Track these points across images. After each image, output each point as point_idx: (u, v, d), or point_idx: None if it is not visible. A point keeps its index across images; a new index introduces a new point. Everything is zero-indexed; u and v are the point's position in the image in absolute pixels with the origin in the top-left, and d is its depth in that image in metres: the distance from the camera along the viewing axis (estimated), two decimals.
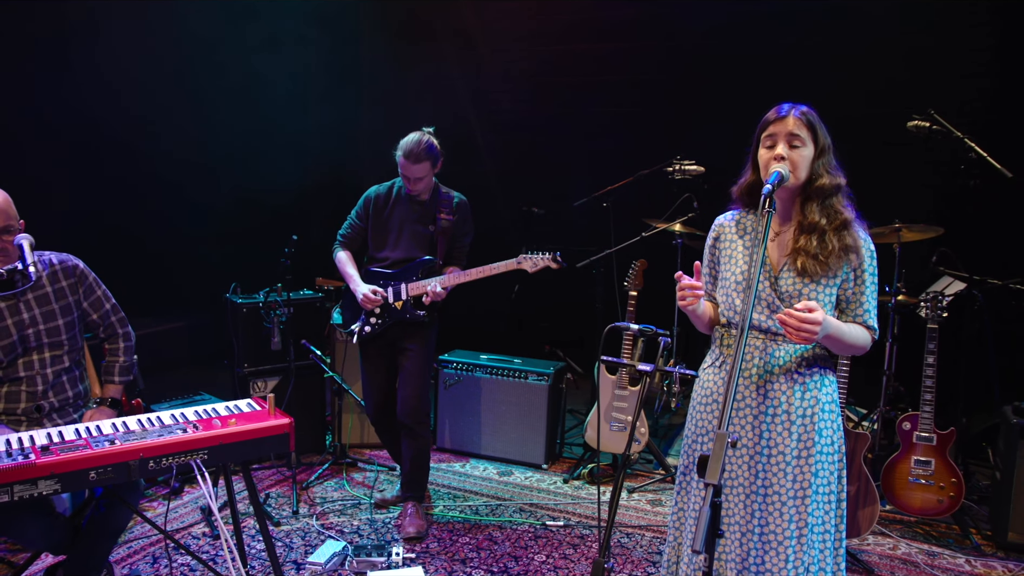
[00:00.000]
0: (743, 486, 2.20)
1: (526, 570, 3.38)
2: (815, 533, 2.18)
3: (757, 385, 2.19)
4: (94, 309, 2.96)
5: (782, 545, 2.16)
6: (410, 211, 3.78)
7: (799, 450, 2.16)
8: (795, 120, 2.15)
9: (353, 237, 3.89)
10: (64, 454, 2.32)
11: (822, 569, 2.21)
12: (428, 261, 3.74)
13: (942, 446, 3.70)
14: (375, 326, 3.76)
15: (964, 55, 4.94)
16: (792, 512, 2.16)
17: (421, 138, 3.65)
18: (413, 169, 3.63)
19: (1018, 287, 4.13)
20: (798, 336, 2.02)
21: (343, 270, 3.87)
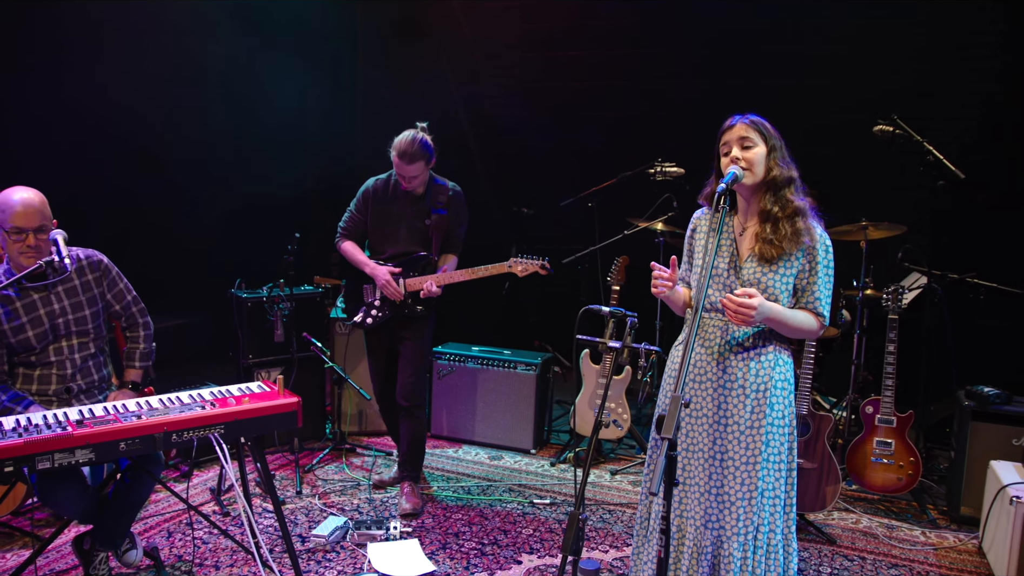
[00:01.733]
0: (703, 452, 2.47)
1: (514, 542, 3.65)
2: (765, 497, 2.45)
3: (718, 361, 2.46)
4: (117, 300, 3.22)
5: (734, 505, 2.43)
6: (407, 206, 3.91)
7: (751, 421, 2.43)
8: (743, 126, 2.44)
9: (352, 229, 4.02)
10: (97, 427, 2.58)
11: (772, 530, 2.48)
12: (424, 257, 3.90)
13: (902, 428, 3.98)
14: (376, 318, 3.95)
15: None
16: (743, 476, 2.43)
17: (415, 136, 3.75)
18: (408, 168, 3.76)
19: (974, 280, 4.42)
20: (736, 318, 2.30)
21: (354, 259, 3.99)
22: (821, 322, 2.44)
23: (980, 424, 3.88)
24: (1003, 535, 3.36)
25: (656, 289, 2.42)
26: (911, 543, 3.74)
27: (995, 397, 3.86)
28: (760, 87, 5.40)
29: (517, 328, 6.45)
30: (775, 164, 2.44)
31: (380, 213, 3.96)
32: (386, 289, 3.87)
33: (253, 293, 4.66)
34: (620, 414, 4.61)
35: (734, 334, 2.46)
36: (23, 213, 2.88)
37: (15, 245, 2.90)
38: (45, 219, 2.93)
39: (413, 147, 3.72)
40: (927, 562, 3.56)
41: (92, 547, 3.11)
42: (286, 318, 4.52)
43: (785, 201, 2.43)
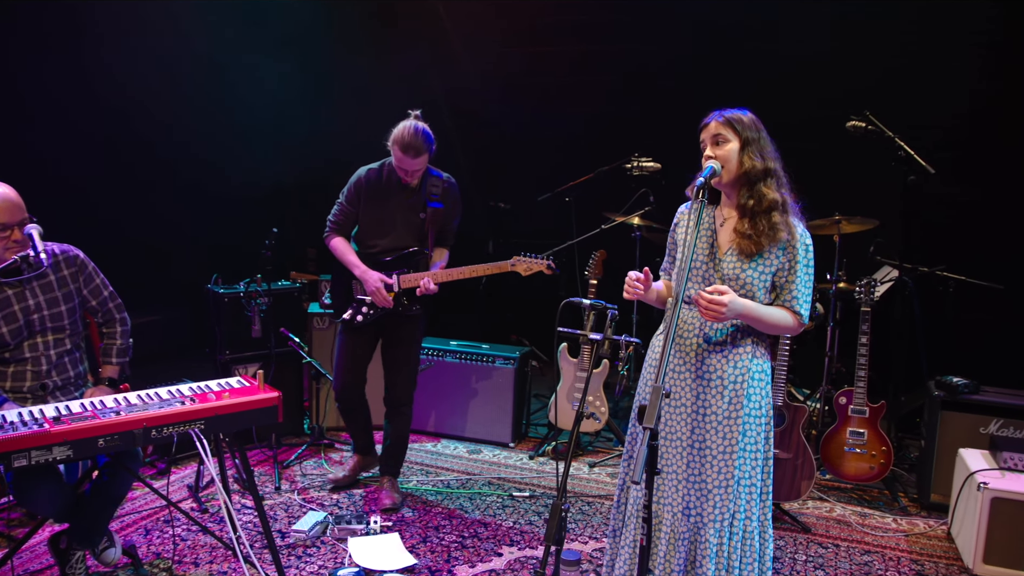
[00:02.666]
0: (682, 441, 2.51)
1: (494, 535, 3.67)
2: (742, 485, 2.49)
3: (696, 354, 2.50)
4: (93, 296, 3.19)
5: (711, 494, 2.47)
6: (402, 198, 3.75)
7: (729, 411, 2.47)
8: (716, 123, 2.49)
9: (343, 222, 3.85)
10: (75, 423, 2.56)
11: (748, 517, 2.52)
12: (418, 252, 3.78)
13: (874, 418, 4.05)
14: (367, 315, 3.81)
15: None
16: (721, 465, 2.47)
17: (417, 126, 3.56)
18: (413, 163, 3.58)
19: (943, 273, 4.51)
20: (707, 314, 2.34)
21: (344, 258, 3.81)
22: (799, 320, 2.47)
23: (949, 413, 3.97)
24: (971, 520, 3.44)
25: (627, 294, 2.45)
26: (883, 530, 3.82)
27: (964, 387, 3.95)
28: (739, 82, 5.44)
29: (494, 322, 6.47)
30: (749, 158, 2.47)
31: (374, 206, 3.78)
32: (375, 296, 3.74)
33: (230, 288, 4.63)
34: (598, 407, 4.65)
35: (712, 327, 2.49)
36: (6, 208, 2.85)
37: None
38: (24, 213, 2.90)
39: (417, 139, 3.54)
40: (899, 548, 3.64)
41: (69, 546, 3.08)
42: (264, 313, 4.49)
43: (760, 195, 2.46)
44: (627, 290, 2.45)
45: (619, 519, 2.71)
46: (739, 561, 2.49)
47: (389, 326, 3.90)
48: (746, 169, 2.46)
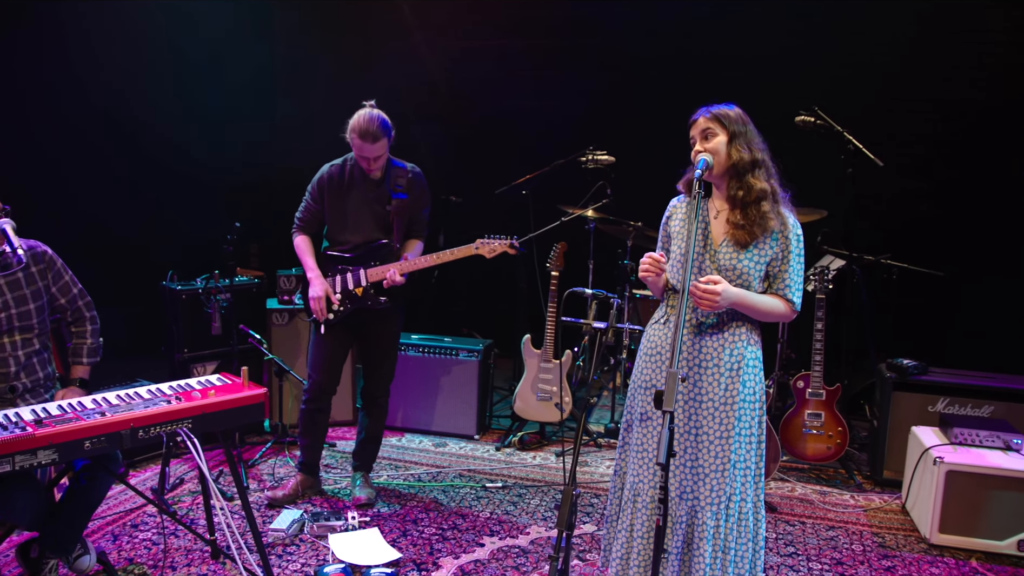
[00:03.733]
0: (678, 427, 2.58)
1: (473, 526, 3.69)
2: (737, 468, 2.58)
3: (693, 342, 2.57)
4: (62, 294, 3.06)
5: (708, 477, 2.55)
6: (367, 191, 3.72)
7: (725, 397, 2.55)
8: (704, 119, 2.57)
9: (310, 220, 3.81)
10: (60, 425, 2.46)
11: (743, 499, 2.61)
12: (384, 245, 3.73)
13: (830, 400, 4.24)
14: (338, 313, 3.75)
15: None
16: (717, 449, 2.55)
17: (372, 114, 3.54)
18: (372, 149, 3.54)
19: (888, 262, 4.74)
20: (702, 303, 2.43)
21: (302, 259, 3.80)
22: (792, 307, 2.57)
23: (900, 393, 4.18)
24: (926, 493, 3.64)
25: (646, 271, 2.50)
26: (843, 506, 4.00)
27: (913, 368, 4.17)
28: (689, 74, 5.59)
29: (444, 315, 6.46)
30: (736, 150, 2.55)
31: (337, 202, 3.75)
32: (312, 303, 3.69)
33: (187, 285, 4.50)
34: (562, 397, 4.70)
35: (707, 315, 2.56)
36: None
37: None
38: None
39: (373, 125, 3.50)
40: (859, 523, 3.82)
41: (41, 554, 2.95)
42: (224, 310, 4.38)
43: (749, 185, 2.54)
44: (648, 268, 2.49)
45: (615, 505, 2.77)
46: (735, 542, 2.58)
47: (365, 322, 3.84)
48: (735, 161, 2.54)
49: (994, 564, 3.46)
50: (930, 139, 5.40)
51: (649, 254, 2.50)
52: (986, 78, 5.25)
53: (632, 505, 2.67)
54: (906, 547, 3.60)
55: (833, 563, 3.42)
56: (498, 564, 3.34)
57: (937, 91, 5.35)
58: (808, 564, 3.41)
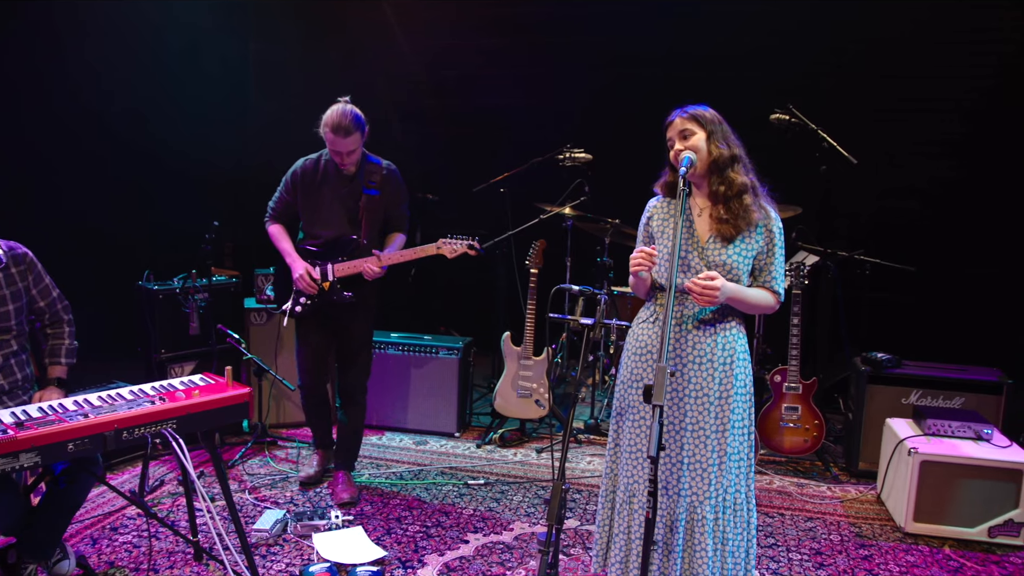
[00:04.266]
0: (671, 423, 2.61)
1: (457, 523, 3.70)
2: (732, 460, 2.62)
3: (686, 338, 2.60)
4: (42, 296, 3.03)
5: (706, 471, 2.59)
6: (338, 186, 3.76)
7: (720, 392, 2.59)
8: (680, 119, 2.62)
9: (282, 210, 3.88)
10: (42, 428, 2.43)
11: (737, 490, 2.65)
12: (351, 241, 3.76)
13: (807, 394, 4.31)
14: (305, 305, 3.82)
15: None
16: (714, 443, 2.59)
17: (345, 109, 3.57)
18: (344, 143, 3.57)
19: (861, 257, 4.82)
20: (701, 299, 2.47)
21: (278, 245, 3.86)
22: (777, 299, 2.63)
23: (875, 386, 4.26)
24: (901, 483, 3.72)
25: (637, 267, 2.51)
26: (820, 498, 4.07)
27: (887, 361, 4.25)
28: (669, 77, 5.65)
29: (423, 314, 6.45)
30: (715, 146, 2.59)
31: (310, 196, 3.79)
32: (299, 284, 3.75)
33: (164, 285, 4.45)
34: (542, 394, 4.73)
35: (699, 311, 2.59)
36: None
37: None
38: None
39: (346, 120, 3.53)
40: (836, 513, 3.90)
41: (19, 560, 2.91)
42: (202, 310, 4.35)
43: (730, 180, 2.59)
44: (640, 262, 2.50)
45: (607, 508, 2.79)
46: (732, 533, 2.62)
47: (336, 316, 3.87)
48: (714, 157, 2.58)
49: (966, 551, 3.55)
50: (904, 137, 5.50)
51: (640, 249, 2.52)
52: (962, 77, 5.36)
53: (628, 507, 2.68)
54: (882, 536, 3.67)
55: (812, 553, 3.49)
56: (483, 560, 3.36)
57: (912, 90, 5.45)
58: (788, 555, 3.47)
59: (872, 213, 5.53)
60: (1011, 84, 5.25)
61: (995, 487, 3.58)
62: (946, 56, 5.34)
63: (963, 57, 5.32)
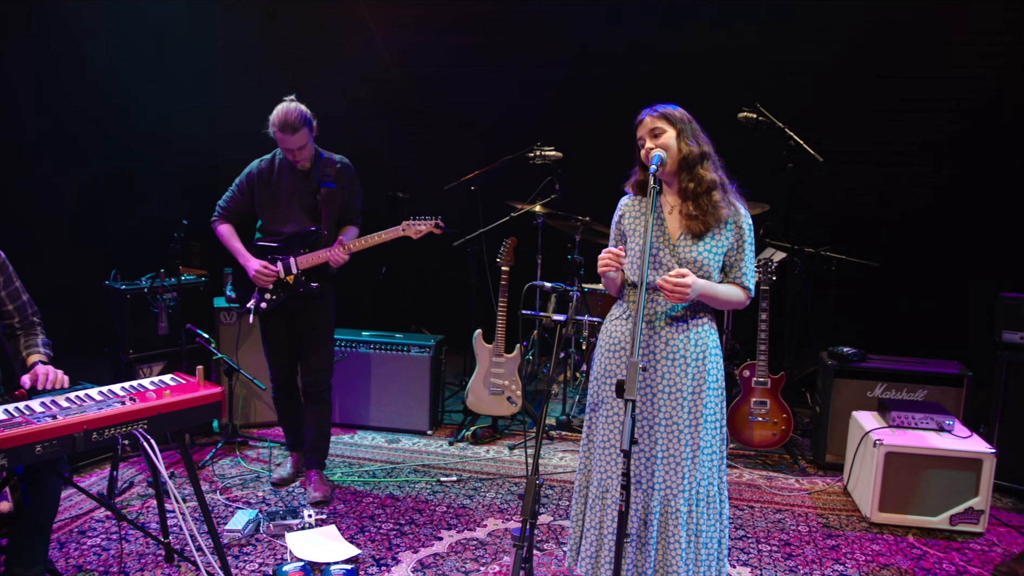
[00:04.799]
0: (644, 418, 2.64)
1: (431, 520, 3.71)
2: (705, 454, 2.66)
3: (659, 334, 2.63)
4: (12, 299, 2.99)
5: (680, 465, 2.62)
6: (295, 182, 3.82)
7: (693, 388, 2.62)
8: (651, 118, 2.65)
9: (234, 209, 3.92)
10: (8, 430, 2.39)
11: (710, 483, 2.69)
12: (312, 233, 3.81)
13: (775, 388, 4.38)
14: (270, 301, 3.83)
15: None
16: (688, 438, 2.62)
17: (289, 107, 3.64)
18: (292, 140, 3.64)
19: (828, 253, 4.91)
20: (673, 296, 2.50)
21: (229, 245, 3.89)
22: (747, 294, 2.66)
23: (841, 380, 4.34)
24: (867, 474, 3.80)
25: (605, 267, 2.55)
26: (789, 490, 4.15)
27: (853, 356, 4.33)
28: (635, 73, 5.69)
29: (392, 312, 6.43)
30: (684, 144, 2.63)
31: (267, 194, 3.85)
32: (257, 280, 3.78)
33: (132, 284, 4.40)
34: (514, 391, 4.75)
35: (670, 308, 2.62)
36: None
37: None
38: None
39: (291, 117, 3.60)
40: (804, 505, 3.97)
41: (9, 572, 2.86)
42: (171, 309, 4.30)
43: (699, 177, 2.63)
44: (608, 262, 2.54)
45: (580, 503, 2.81)
46: (705, 524, 2.66)
47: (297, 310, 3.90)
48: (684, 155, 2.62)
49: (929, 539, 3.63)
50: (868, 137, 5.61)
51: (608, 249, 2.55)
52: (923, 78, 5.47)
53: (601, 502, 2.70)
54: (848, 527, 3.75)
55: (781, 544, 3.55)
56: (457, 557, 3.37)
57: (874, 90, 5.55)
58: (758, 546, 3.52)
59: (837, 210, 5.63)
60: (972, 85, 5.39)
61: (956, 477, 3.67)
62: (913, 57, 5.45)
63: (926, 59, 5.44)
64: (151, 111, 5.77)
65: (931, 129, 5.52)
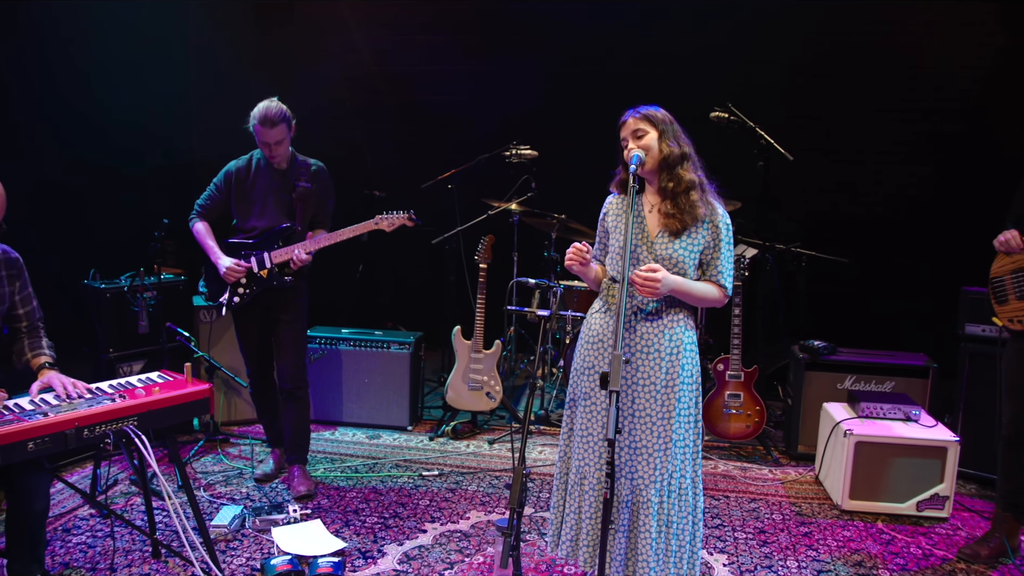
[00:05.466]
0: (620, 409, 2.71)
1: (414, 513, 3.77)
2: (677, 447, 2.74)
3: (633, 328, 2.72)
4: (23, 304, 3.02)
5: (652, 456, 2.71)
6: (271, 181, 3.90)
7: (666, 381, 2.71)
8: (633, 119, 2.74)
9: (211, 207, 3.98)
10: (1, 427, 2.42)
11: (683, 475, 2.78)
12: (287, 228, 3.87)
13: (748, 381, 4.50)
14: (243, 296, 3.89)
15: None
16: (659, 430, 2.71)
17: (271, 104, 3.77)
18: (270, 134, 3.74)
19: (798, 250, 5.04)
20: (643, 290, 2.58)
21: (202, 243, 3.95)
22: (724, 292, 2.74)
23: (812, 373, 4.47)
24: (838, 464, 3.93)
25: (572, 261, 2.64)
26: (763, 480, 4.27)
27: (824, 349, 4.47)
28: (611, 72, 5.78)
29: (369, 309, 6.47)
30: (665, 145, 2.72)
31: (243, 192, 3.92)
32: (227, 277, 3.85)
33: (111, 283, 4.40)
34: (493, 386, 4.82)
35: (648, 304, 2.71)
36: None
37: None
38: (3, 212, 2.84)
39: (271, 112, 3.73)
40: (778, 494, 4.09)
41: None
42: (152, 308, 4.31)
43: (679, 177, 2.72)
44: (572, 257, 2.64)
45: (561, 489, 2.89)
46: (676, 516, 2.74)
47: (270, 305, 3.95)
48: (665, 155, 2.70)
49: (897, 524, 3.77)
50: (839, 137, 5.76)
51: (574, 244, 2.65)
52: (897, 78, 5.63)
53: (579, 488, 2.79)
54: (820, 514, 3.87)
55: (756, 532, 3.66)
56: (441, 549, 3.43)
57: (837, 90, 5.70)
58: (734, 534, 3.63)
59: (807, 208, 5.77)
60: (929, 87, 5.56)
61: (923, 464, 3.81)
62: (874, 60, 5.60)
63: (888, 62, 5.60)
64: (125, 110, 5.74)
65: (898, 130, 5.67)
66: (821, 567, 3.35)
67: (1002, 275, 3.28)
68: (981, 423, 4.14)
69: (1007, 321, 3.26)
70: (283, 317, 3.97)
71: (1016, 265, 3.22)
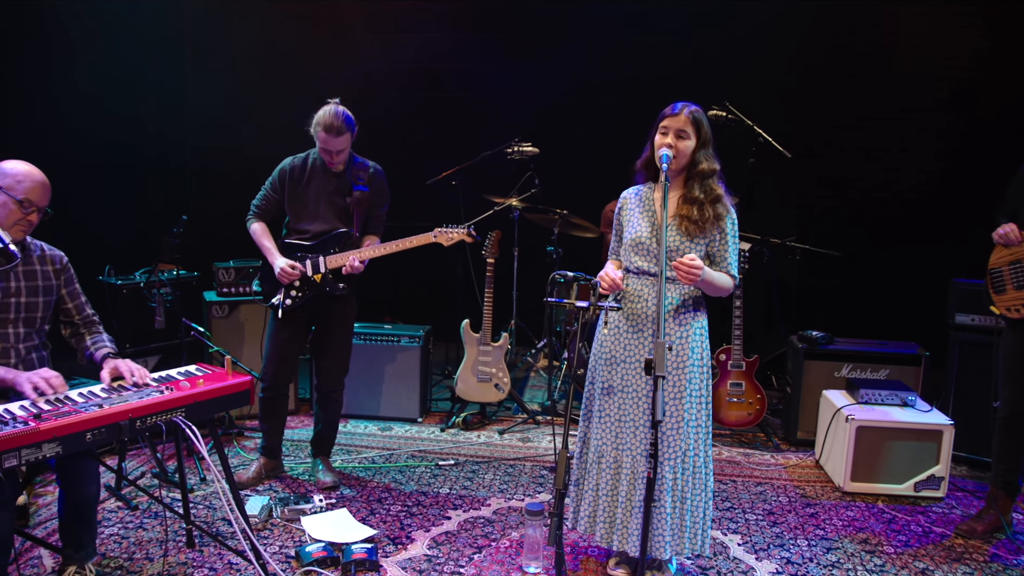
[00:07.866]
0: (638, 392, 2.89)
1: (436, 501, 3.88)
2: (690, 426, 2.91)
3: (650, 318, 2.88)
4: (71, 298, 3.09)
5: (665, 434, 2.87)
6: (327, 183, 3.83)
7: (677, 363, 2.88)
8: (685, 117, 2.84)
9: (267, 208, 3.91)
10: (62, 419, 2.49)
11: (696, 454, 2.94)
12: (344, 234, 3.83)
13: (750, 371, 4.67)
14: (296, 299, 3.84)
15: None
16: (672, 409, 2.88)
17: (338, 109, 3.68)
18: (336, 142, 3.67)
19: (793, 244, 5.22)
20: (686, 279, 2.73)
21: (259, 243, 3.87)
22: (734, 282, 2.94)
23: (811, 362, 4.66)
24: (839, 448, 4.11)
25: (607, 287, 2.85)
26: (766, 465, 4.44)
27: (822, 339, 4.65)
28: (606, 73, 5.91)
29: (369, 305, 6.53)
30: (704, 159, 2.88)
31: (297, 192, 3.85)
32: (282, 278, 3.77)
33: (126, 279, 4.45)
34: (500, 378, 4.94)
35: (666, 294, 2.86)
36: (42, 190, 2.89)
37: (15, 215, 2.83)
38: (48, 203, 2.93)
39: (338, 120, 3.65)
40: (782, 478, 4.26)
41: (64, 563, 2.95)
42: (168, 303, 4.37)
43: (709, 189, 2.88)
44: (608, 288, 2.84)
45: (581, 469, 3.05)
46: (690, 492, 2.92)
47: (320, 310, 3.94)
48: (702, 168, 2.87)
49: (896, 504, 3.97)
50: (832, 134, 5.96)
51: (609, 275, 2.84)
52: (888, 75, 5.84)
53: (597, 467, 2.98)
54: (824, 496, 4.05)
55: (765, 513, 3.83)
56: (467, 534, 3.56)
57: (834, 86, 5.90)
58: (744, 516, 3.80)
59: (800, 203, 5.96)
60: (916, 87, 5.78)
61: (919, 447, 4.01)
62: (866, 60, 5.81)
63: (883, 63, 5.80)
64: (120, 104, 5.76)
65: (887, 127, 5.88)
66: (830, 545, 3.53)
67: (1000, 266, 3.47)
68: (970, 408, 4.34)
69: (1004, 310, 3.45)
70: (333, 323, 3.95)
71: (1014, 256, 3.42)
